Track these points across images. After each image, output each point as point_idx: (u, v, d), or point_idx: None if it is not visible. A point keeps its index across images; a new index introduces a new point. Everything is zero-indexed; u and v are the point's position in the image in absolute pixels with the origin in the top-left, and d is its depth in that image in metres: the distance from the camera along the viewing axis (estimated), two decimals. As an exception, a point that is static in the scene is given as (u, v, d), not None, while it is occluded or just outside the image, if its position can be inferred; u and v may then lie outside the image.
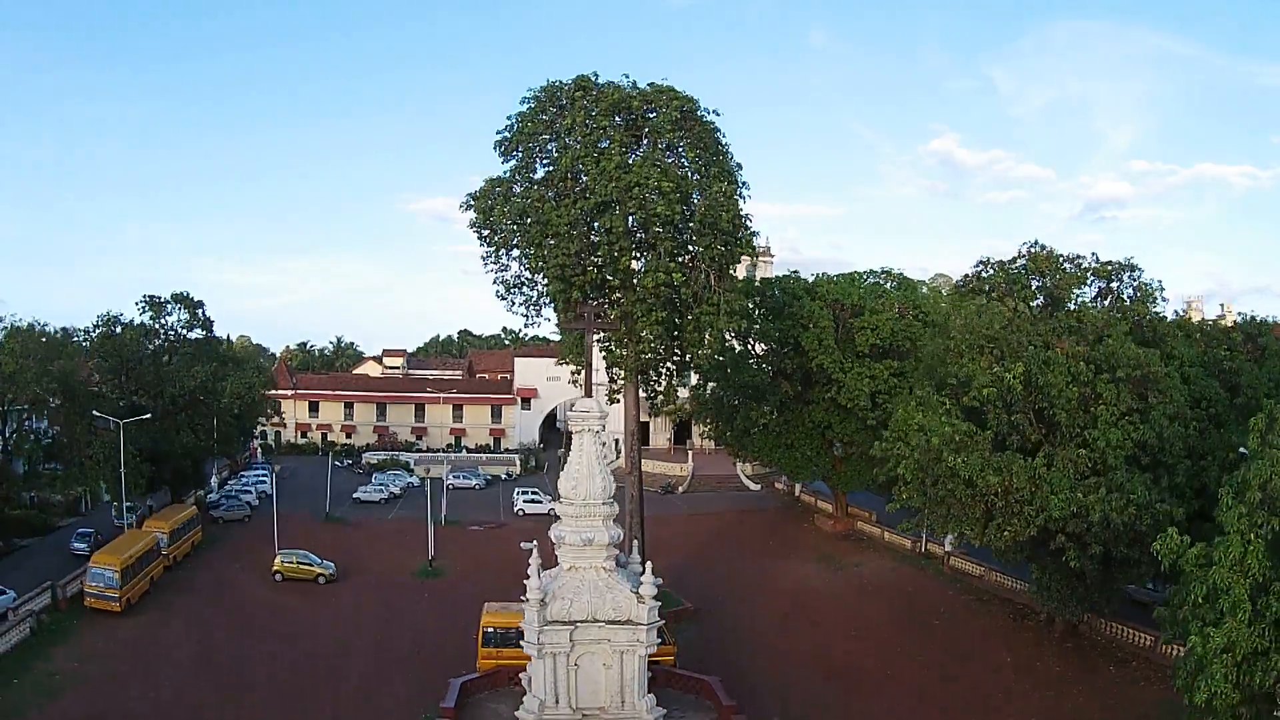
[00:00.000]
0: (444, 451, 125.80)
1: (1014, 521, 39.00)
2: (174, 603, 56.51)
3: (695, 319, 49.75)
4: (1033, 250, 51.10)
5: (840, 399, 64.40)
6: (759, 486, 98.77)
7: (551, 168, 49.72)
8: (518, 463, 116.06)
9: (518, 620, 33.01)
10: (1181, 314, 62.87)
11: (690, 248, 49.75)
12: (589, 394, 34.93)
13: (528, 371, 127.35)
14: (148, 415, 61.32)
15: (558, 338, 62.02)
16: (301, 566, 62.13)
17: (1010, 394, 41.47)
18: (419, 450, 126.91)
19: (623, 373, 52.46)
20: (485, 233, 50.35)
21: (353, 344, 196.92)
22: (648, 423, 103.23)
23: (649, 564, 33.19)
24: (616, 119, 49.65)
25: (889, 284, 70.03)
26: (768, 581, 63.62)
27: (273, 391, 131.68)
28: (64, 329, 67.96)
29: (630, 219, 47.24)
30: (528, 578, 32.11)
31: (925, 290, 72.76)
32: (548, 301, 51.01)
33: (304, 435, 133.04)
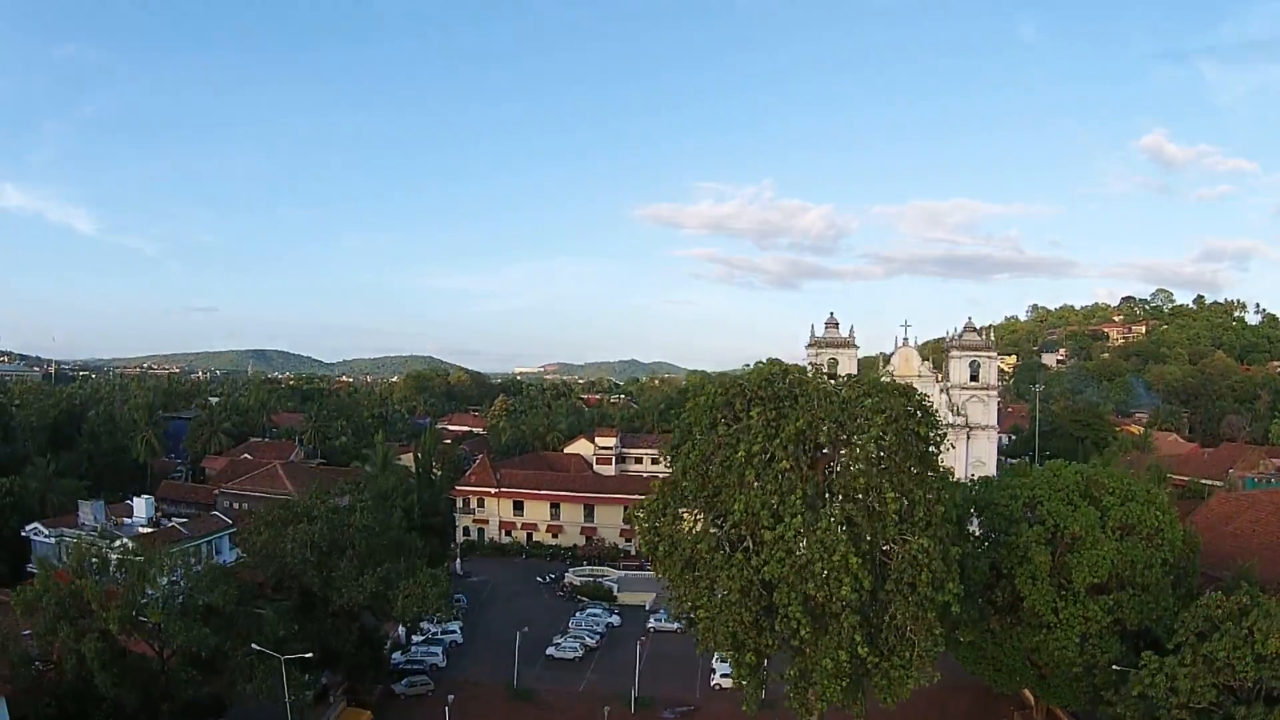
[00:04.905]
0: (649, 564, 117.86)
1: None
2: None
3: (884, 672, 42.14)
4: None
5: (1048, 642, 56.48)
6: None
7: (720, 493, 43.45)
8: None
9: None
10: None
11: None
12: None
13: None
14: (309, 655, 55.29)
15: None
16: (470, 810, 54.75)
17: None
18: (625, 560, 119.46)
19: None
20: (659, 554, 44.78)
21: (567, 387, 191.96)
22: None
23: None
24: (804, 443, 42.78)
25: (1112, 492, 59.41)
26: None
27: (475, 489, 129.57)
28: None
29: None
30: None
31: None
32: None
33: (508, 534, 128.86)
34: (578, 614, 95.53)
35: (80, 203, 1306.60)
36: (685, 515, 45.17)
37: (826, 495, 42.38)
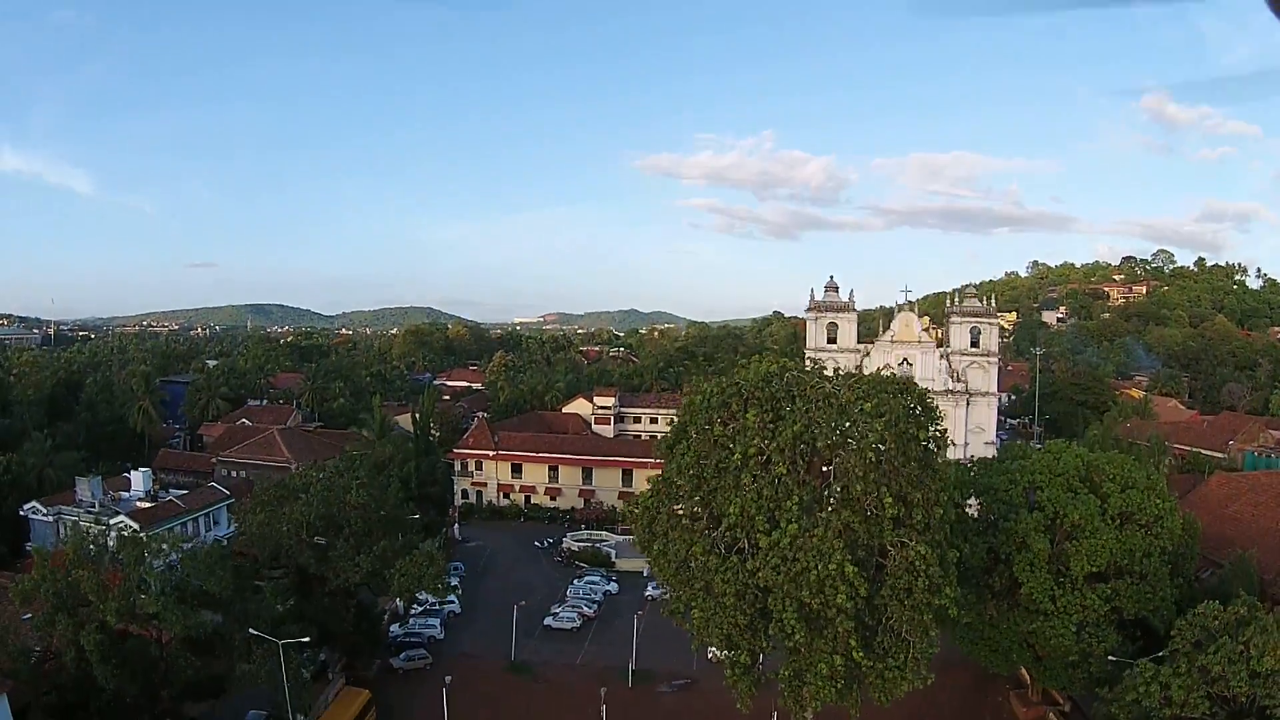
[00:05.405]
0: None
1: None
2: None
3: (880, 673, 42.15)
4: None
5: (1044, 629, 56.68)
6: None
7: (715, 495, 43.23)
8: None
9: None
10: None
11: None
12: None
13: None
14: (306, 639, 55.83)
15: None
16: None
17: None
18: (623, 524, 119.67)
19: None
20: (654, 552, 44.80)
21: (566, 339, 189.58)
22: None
23: None
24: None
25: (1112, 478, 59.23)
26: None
27: (473, 451, 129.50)
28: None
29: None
30: None
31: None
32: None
33: (506, 496, 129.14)
34: (575, 581, 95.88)
35: (79, 164, 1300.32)
36: (681, 512, 44.90)
37: (824, 497, 41.95)
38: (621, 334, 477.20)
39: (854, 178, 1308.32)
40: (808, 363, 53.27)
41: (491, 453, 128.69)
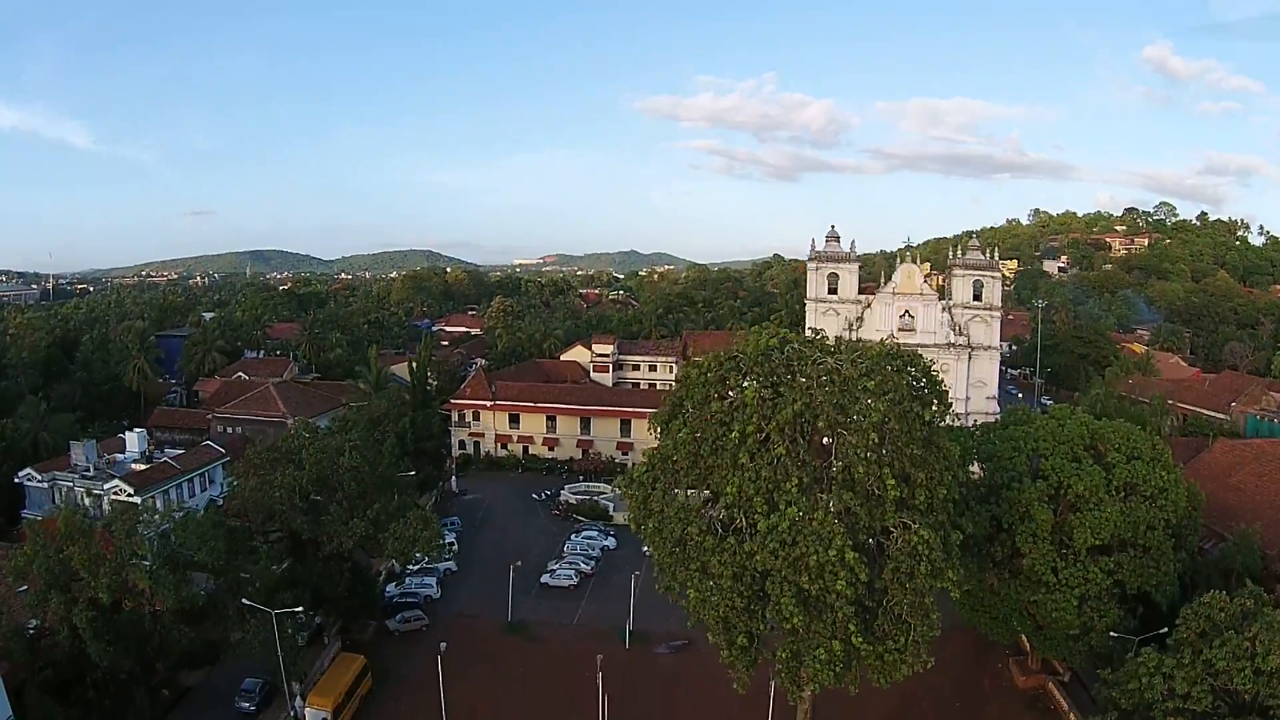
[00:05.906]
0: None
1: None
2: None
3: (879, 655, 41.34)
4: None
5: (1046, 601, 56.01)
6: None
7: (712, 473, 42.54)
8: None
9: None
10: None
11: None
12: None
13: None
14: (299, 609, 55.99)
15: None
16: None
17: None
18: (622, 475, 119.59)
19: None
20: (649, 530, 43.74)
21: (565, 283, 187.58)
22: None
23: None
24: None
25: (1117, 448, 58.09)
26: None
27: (470, 402, 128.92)
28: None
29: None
30: None
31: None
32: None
33: (504, 447, 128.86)
34: (573, 536, 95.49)
35: (76, 116, 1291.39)
36: (677, 489, 44.12)
37: (824, 477, 40.93)
38: (621, 276, 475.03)
39: (855, 121, 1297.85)
40: (808, 329, 52.13)
41: (489, 403, 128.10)
